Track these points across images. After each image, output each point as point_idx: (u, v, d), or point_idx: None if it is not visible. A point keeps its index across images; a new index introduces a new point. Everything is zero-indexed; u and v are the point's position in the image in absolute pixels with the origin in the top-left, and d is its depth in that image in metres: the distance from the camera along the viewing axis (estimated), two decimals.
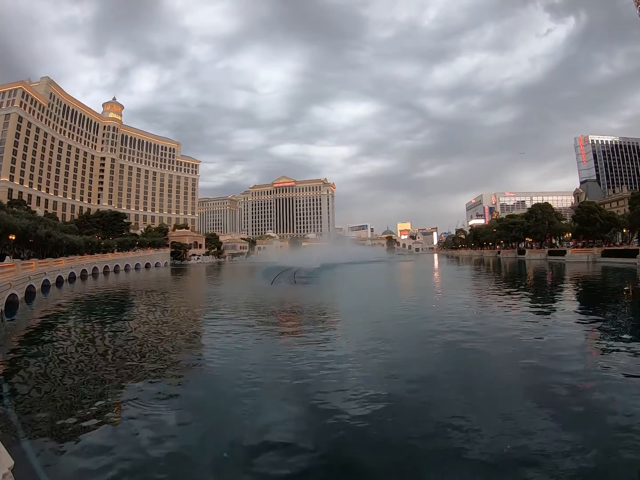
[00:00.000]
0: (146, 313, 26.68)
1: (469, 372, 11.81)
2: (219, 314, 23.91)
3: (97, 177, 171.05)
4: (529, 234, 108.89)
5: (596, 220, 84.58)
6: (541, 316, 20.53)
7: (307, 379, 11.32)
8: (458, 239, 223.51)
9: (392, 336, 16.48)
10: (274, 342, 16.53)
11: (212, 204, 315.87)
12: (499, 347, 14.10)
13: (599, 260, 69.71)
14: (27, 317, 26.25)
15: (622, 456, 6.99)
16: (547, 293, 32.64)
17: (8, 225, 52.61)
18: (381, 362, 12.82)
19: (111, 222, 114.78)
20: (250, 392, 10.38)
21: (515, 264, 77.95)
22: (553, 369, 11.54)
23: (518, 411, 8.80)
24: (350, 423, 8.41)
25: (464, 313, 21.83)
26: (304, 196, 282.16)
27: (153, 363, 13.68)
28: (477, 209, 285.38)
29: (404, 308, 24.18)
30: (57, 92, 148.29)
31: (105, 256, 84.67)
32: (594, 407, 8.97)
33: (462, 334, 16.29)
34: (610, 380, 10.48)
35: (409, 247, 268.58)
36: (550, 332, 16.27)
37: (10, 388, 11.37)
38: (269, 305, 27.57)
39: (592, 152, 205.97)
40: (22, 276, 35.71)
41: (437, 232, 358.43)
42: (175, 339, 17.45)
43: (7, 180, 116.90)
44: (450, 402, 9.47)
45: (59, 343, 17.76)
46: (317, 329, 18.79)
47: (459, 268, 78.13)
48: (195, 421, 8.99)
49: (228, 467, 7.12)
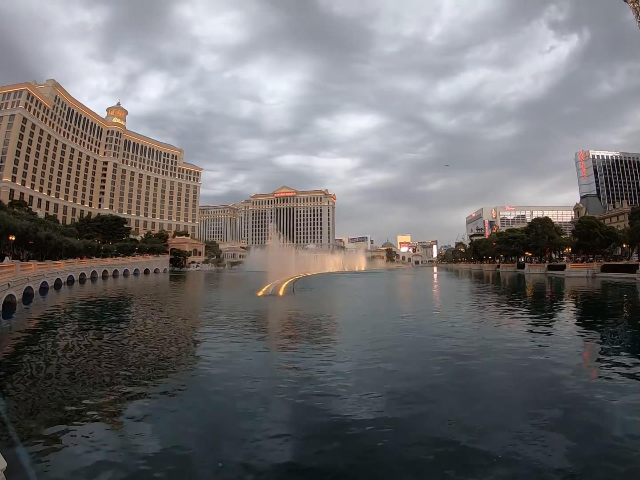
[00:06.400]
0: (143, 319, 26.49)
1: (468, 386, 11.64)
2: (214, 322, 23.65)
3: (99, 181, 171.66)
4: (528, 248, 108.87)
5: (596, 235, 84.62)
6: (540, 332, 20.34)
7: (306, 388, 11.16)
8: (458, 252, 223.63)
9: (392, 347, 16.30)
10: (271, 352, 16.40)
11: (212, 212, 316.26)
12: (498, 363, 13.86)
13: (599, 275, 69.50)
14: (24, 319, 26.06)
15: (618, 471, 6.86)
16: (545, 308, 32.43)
17: (8, 225, 52.60)
18: (381, 372, 12.67)
19: (111, 226, 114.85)
20: (247, 402, 10.18)
21: (514, 278, 77.68)
22: (551, 384, 11.40)
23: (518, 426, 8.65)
24: (348, 435, 8.26)
25: (462, 327, 21.68)
26: (304, 207, 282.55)
27: (148, 368, 13.50)
28: (477, 223, 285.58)
29: (404, 321, 23.99)
30: (62, 95, 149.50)
31: (105, 260, 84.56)
32: (591, 424, 8.81)
33: (460, 347, 16.13)
34: (609, 398, 10.30)
35: (408, 260, 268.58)
36: (549, 348, 16.04)
37: (3, 390, 11.18)
38: (265, 315, 27.40)
39: (593, 167, 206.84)
40: (21, 277, 35.55)
41: (437, 245, 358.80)
42: (171, 347, 17.29)
43: (9, 181, 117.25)
44: (449, 415, 9.32)
45: (54, 345, 17.58)
46: (316, 339, 18.58)
47: (458, 282, 77.98)
48: (191, 429, 8.79)
49: (223, 477, 6.95)
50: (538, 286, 56.87)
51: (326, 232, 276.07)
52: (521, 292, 47.62)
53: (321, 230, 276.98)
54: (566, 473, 6.74)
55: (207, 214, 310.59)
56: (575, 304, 35.39)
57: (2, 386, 11.51)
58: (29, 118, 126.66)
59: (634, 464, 7.12)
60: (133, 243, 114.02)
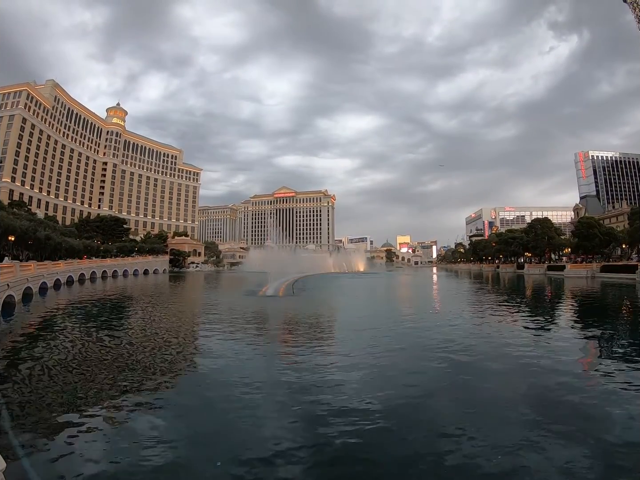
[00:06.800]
0: (142, 319, 26.47)
1: (468, 385, 11.63)
2: (214, 322, 23.64)
3: (98, 182, 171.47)
4: (528, 249, 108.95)
5: (595, 236, 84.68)
6: (540, 332, 20.38)
7: (305, 387, 11.19)
8: (457, 252, 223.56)
9: (391, 347, 16.29)
10: (271, 353, 16.36)
11: (212, 213, 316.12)
12: (497, 363, 13.85)
13: (598, 275, 69.58)
14: (24, 319, 26.00)
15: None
16: (545, 309, 32.45)
17: (8, 226, 52.56)
18: (381, 373, 12.66)
19: (111, 227, 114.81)
20: (246, 402, 10.16)
21: (514, 279, 77.69)
22: (552, 384, 11.39)
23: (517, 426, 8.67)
24: (346, 437, 8.25)
25: (462, 327, 21.71)
26: (304, 207, 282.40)
27: (147, 369, 13.50)
28: (476, 223, 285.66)
29: (403, 321, 23.98)
30: (62, 96, 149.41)
31: (104, 261, 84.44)
32: (591, 423, 8.80)
33: (460, 347, 16.16)
34: (609, 398, 10.28)
35: (407, 260, 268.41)
36: (549, 348, 16.06)
37: (2, 390, 11.14)
38: (265, 316, 27.37)
39: (592, 167, 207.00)
40: (20, 278, 35.50)
41: (437, 246, 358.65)
42: (171, 347, 17.30)
43: (9, 181, 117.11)
44: (448, 417, 9.34)
45: (53, 346, 17.55)
46: (315, 340, 18.56)
47: (458, 282, 77.96)
48: (190, 429, 8.79)
49: (221, 476, 6.93)
50: (538, 287, 56.88)
51: (326, 233, 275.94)
52: (521, 293, 47.63)
53: (321, 231, 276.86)
54: (566, 473, 6.73)
55: (207, 214, 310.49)
56: (575, 304, 35.38)
57: (2, 386, 11.48)
58: (29, 118, 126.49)
59: (634, 463, 7.12)
60: (132, 243, 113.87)
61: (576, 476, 6.67)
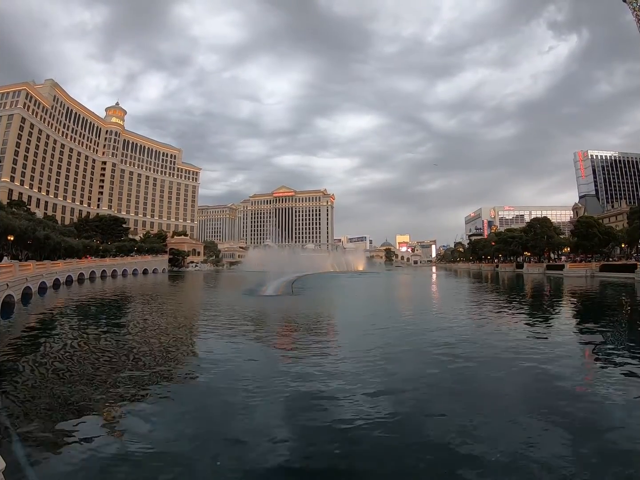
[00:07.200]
0: (141, 319, 26.42)
1: (467, 385, 11.64)
2: (213, 322, 23.62)
3: (98, 181, 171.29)
4: (527, 248, 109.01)
5: (595, 235, 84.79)
6: (539, 331, 20.40)
7: (305, 388, 11.19)
8: (457, 252, 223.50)
9: (391, 347, 16.30)
10: (270, 353, 16.42)
11: (211, 212, 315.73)
12: (498, 362, 13.88)
13: (597, 274, 69.59)
14: (23, 319, 25.99)
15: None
16: (545, 307, 32.47)
17: (7, 225, 52.50)
18: (381, 373, 12.68)
19: (110, 226, 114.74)
20: (245, 402, 10.16)
21: (513, 278, 77.74)
22: (551, 384, 11.41)
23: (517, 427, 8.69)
24: (348, 435, 8.27)
25: (461, 327, 21.75)
26: (303, 206, 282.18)
27: (147, 368, 13.48)
28: (476, 223, 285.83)
29: (403, 321, 24.02)
30: (61, 95, 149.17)
31: (103, 261, 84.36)
32: (591, 424, 8.83)
33: (459, 347, 16.19)
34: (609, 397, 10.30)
35: (407, 260, 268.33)
36: (549, 348, 16.03)
37: (2, 390, 11.13)
38: (264, 316, 27.39)
39: (592, 167, 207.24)
40: (20, 277, 35.47)
41: (436, 245, 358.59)
42: (170, 347, 17.28)
43: (8, 180, 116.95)
44: (449, 415, 9.34)
45: (52, 346, 17.51)
46: (314, 339, 18.58)
47: (457, 282, 78.00)
48: (190, 428, 8.78)
49: (220, 476, 6.94)
50: (537, 286, 56.91)
51: (325, 232, 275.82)
52: (520, 292, 47.64)
53: (320, 230, 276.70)
54: (566, 473, 6.73)
55: (206, 214, 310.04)
56: (574, 303, 35.41)
57: (1, 386, 11.47)
58: (28, 118, 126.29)
59: (634, 464, 7.13)
60: (132, 243, 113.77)
61: (579, 472, 6.68)
